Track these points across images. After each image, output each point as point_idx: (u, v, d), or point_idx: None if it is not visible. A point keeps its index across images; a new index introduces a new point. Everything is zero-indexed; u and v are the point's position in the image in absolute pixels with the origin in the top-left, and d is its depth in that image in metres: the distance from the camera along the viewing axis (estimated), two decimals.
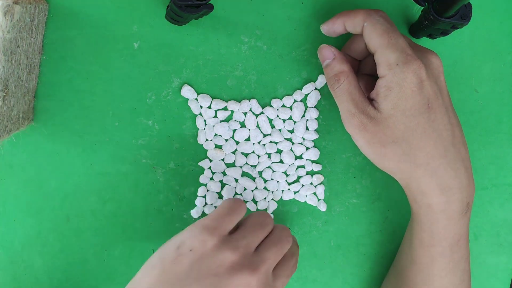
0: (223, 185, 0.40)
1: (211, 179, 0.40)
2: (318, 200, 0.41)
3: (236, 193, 0.40)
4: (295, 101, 0.39)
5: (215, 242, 0.30)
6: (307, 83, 0.39)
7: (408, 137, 0.32)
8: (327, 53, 0.35)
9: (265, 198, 0.40)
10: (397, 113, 0.32)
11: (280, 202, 0.41)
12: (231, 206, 0.33)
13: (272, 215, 0.34)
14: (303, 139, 0.40)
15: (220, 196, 0.40)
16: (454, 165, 0.33)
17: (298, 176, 0.40)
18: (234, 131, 0.39)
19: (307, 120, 0.40)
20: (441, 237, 0.34)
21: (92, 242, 0.39)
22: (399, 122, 0.32)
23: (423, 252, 0.35)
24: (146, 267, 0.31)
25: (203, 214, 0.40)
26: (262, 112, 0.39)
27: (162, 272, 0.30)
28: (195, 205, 0.40)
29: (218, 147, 0.39)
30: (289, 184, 0.40)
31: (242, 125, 0.39)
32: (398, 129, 0.32)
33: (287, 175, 0.40)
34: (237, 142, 0.39)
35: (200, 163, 0.39)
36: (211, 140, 0.39)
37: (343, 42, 0.38)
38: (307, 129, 0.40)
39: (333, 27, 0.36)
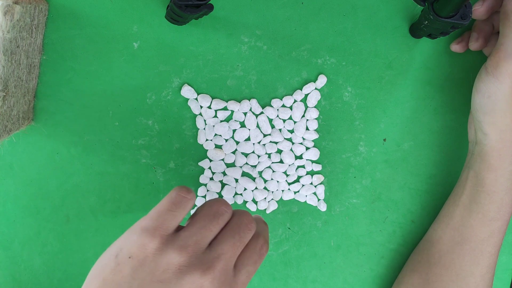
0: (223, 185, 0.40)
1: (211, 179, 0.40)
2: (318, 200, 0.41)
3: (236, 193, 0.40)
4: (295, 101, 0.39)
5: (156, 244, 0.27)
6: (307, 83, 0.39)
7: None
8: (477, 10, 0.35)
9: (265, 198, 0.40)
10: None
11: (280, 202, 0.41)
12: (173, 200, 0.29)
13: (228, 202, 0.31)
14: (303, 139, 0.40)
15: (220, 196, 0.40)
16: None
17: (298, 176, 0.40)
18: (234, 131, 0.39)
19: (307, 120, 0.40)
20: (506, 210, 0.34)
21: (92, 242, 0.39)
22: None
23: (483, 227, 0.35)
24: (88, 278, 0.28)
25: None
26: (262, 112, 0.39)
27: (102, 284, 0.27)
28: (195, 205, 0.40)
29: (218, 147, 0.39)
30: (289, 184, 0.40)
31: (242, 125, 0.39)
32: None
33: (287, 175, 0.40)
34: (237, 142, 0.39)
35: (200, 163, 0.39)
36: (211, 140, 0.39)
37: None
38: (307, 129, 0.40)
39: (483, 27, 0.36)
